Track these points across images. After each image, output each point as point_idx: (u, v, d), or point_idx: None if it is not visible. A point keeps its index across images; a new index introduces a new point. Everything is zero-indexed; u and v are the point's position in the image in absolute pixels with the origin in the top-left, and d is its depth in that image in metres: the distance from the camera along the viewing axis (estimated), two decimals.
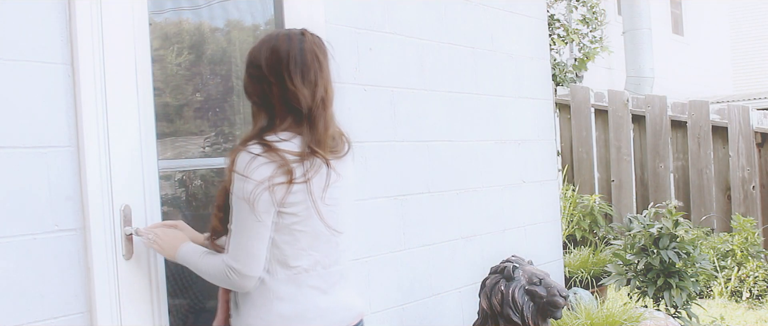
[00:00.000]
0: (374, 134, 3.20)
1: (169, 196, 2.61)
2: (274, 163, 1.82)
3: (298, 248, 1.89)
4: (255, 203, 1.81)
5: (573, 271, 5.36)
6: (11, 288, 2.04)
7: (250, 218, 1.83)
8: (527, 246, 4.19)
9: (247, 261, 1.85)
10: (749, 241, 5.87)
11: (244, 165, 1.83)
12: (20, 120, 2.09)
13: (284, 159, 1.83)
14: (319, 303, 1.93)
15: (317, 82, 1.92)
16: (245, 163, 1.83)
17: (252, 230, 1.84)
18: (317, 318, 1.92)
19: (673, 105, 6.87)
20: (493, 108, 4.04)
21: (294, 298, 1.89)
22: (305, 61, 1.92)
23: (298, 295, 1.89)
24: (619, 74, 10.04)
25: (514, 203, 4.17)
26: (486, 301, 3.15)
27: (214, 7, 2.85)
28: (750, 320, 5.19)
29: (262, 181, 1.81)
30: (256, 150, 1.84)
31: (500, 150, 4.09)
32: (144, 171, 2.31)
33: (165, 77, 2.64)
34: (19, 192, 2.07)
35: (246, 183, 1.82)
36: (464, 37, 3.84)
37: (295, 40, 1.93)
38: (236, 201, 1.85)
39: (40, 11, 2.14)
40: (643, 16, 9.50)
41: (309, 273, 1.91)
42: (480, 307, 3.19)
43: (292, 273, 1.89)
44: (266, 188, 1.81)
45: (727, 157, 6.54)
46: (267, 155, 1.83)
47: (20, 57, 2.10)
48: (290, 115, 1.91)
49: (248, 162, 1.82)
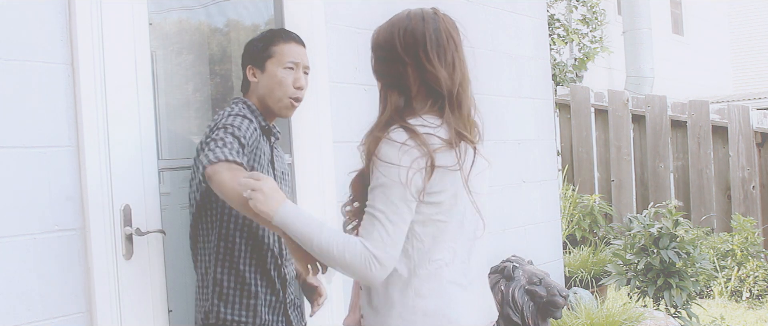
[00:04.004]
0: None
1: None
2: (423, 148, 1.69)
3: (440, 240, 1.76)
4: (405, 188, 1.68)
5: (573, 271, 5.36)
6: (11, 288, 2.04)
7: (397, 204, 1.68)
8: (527, 245, 4.19)
9: (392, 250, 1.69)
10: (749, 241, 5.87)
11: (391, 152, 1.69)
12: (20, 120, 2.09)
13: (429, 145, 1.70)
14: (460, 299, 1.79)
15: (455, 64, 1.81)
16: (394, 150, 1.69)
17: (398, 216, 1.69)
18: (461, 315, 1.78)
19: (673, 105, 6.87)
20: (493, 107, 4.04)
21: (437, 294, 1.76)
22: (441, 41, 1.81)
23: (440, 291, 1.76)
24: (619, 74, 10.04)
25: (514, 203, 4.17)
26: None
27: (214, 7, 2.85)
28: (750, 320, 5.19)
29: (411, 166, 1.68)
30: (401, 137, 1.71)
31: (500, 150, 4.09)
32: (144, 172, 2.31)
33: (165, 77, 2.64)
34: (20, 192, 2.07)
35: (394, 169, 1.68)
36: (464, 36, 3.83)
37: (430, 20, 1.83)
38: (382, 187, 1.70)
39: (40, 11, 2.14)
40: (643, 16, 9.50)
41: (450, 267, 1.78)
42: None
43: (434, 267, 1.76)
44: (416, 172, 1.68)
45: (727, 156, 6.54)
46: (413, 140, 1.70)
47: (20, 57, 2.10)
48: (430, 98, 1.79)
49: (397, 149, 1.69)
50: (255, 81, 2.24)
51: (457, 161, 1.74)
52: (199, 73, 2.84)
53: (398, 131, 1.72)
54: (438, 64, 1.80)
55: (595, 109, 7.18)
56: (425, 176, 1.70)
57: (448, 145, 1.74)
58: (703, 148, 6.64)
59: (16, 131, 2.08)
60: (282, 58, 2.21)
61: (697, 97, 7.66)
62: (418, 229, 1.75)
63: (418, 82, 1.81)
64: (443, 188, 1.74)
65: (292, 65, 2.21)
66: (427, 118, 1.78)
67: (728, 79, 15.10)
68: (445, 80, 1.79)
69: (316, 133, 2.98)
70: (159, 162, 2.41)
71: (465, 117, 1.80)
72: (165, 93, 2.62)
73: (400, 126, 1.73)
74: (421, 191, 1.70)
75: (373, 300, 1.79)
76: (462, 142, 1.77)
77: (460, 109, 1.80)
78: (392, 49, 1.83)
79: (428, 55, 1.80)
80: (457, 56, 1.84)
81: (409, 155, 1.69)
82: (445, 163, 1.72)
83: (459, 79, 1.82)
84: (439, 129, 1.76)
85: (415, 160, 1.69)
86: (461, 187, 1.77)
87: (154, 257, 2.31)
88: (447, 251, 1.78)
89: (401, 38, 1.82)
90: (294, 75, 2.22)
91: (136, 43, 2.32)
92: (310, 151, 2.94)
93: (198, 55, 2.81)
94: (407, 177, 1.68)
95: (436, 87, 1.79)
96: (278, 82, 2.20)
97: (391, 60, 1.84)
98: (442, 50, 1.82)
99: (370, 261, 1.68)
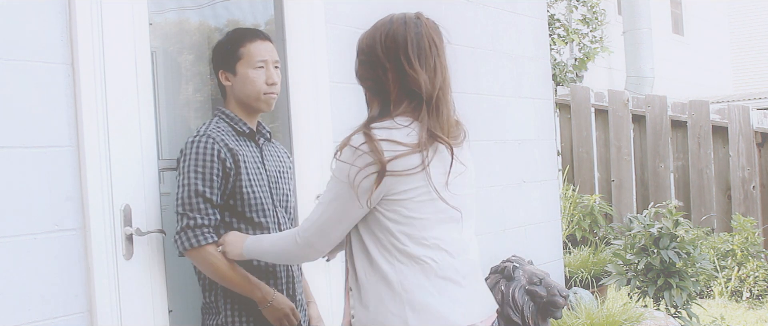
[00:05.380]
0: None
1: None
2: (375, 155, 1.75)
3: (419, 238, 1.81)
4: (350, 188, 1.76)
5: (573, 271, 5.36)
6: (11, 288, 2.04)
7: (338, 200, 1.79)
8: (527, 245, 4.19)
9: (317, 237, 1.84)
10: (749, 241, 5.87)
11: (346, 154, 1.78)
12: (20, 120, 2.09)
13: (382, 152, 1.75)
14: (453, 294, 1.82)
15: (436, 68, 1.84)
16: (348, 153, 1.77)
17: (335, 210, 1.81)
18: (452, 310, 1.81)
19: (674, 105, 6.87)
20: (493, 108, 4.04)
21: (425, 290, 1.79)
22: (422, 45, 1.85)
23: (428, 286, 1.80)
24: (619, 74, 10.03)
25: (515, 203, 4.17)
26: None
27: (214, 7, 2.85)
28: (750, 320, 5.19)
29: (362, 170, 1.75)
30: (358, 141, 1.78)
31: (500, 150, 4.09)
32: (144, 172, 2.30)
33: (165, 77, 2.64)
34: (19, 192, 2.07)
35: (346, 168, 1.77)
36: (464, 37, 3.84)
37: (412, 25, 1.86)
38: (331, 181, 1.82)
39: (40, 11, 2.14)
40: (643, 16, 9.50)
41: (437, 263, 1.81)
42: None
43: (417, 263, 1.80)
44: (366, 176, 1.75)
45: (727, 156, 6.54)
46: (368, 145, 1.76)
47: (20, 57, 2.10)
48: (406, 99, 1.83)
49: (352, 153, 1.77)
50: (229, 84, 2.28)
51: (422, 162, 1.78)
52: (199, 73, 2.84)
53: (357, 135, 1.79)
54: (419, 68, 1.83)
55: (596, 109, 7.18)
56: (375, 181, 1.75)
57: (415, 147, 1.78)
58: (703, 148, 6.64)
59: (16, 131, 2.08)
60: (251, 59, 2.24)
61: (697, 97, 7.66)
62: (392, 227, 1.80)
63: (398, 86, 1.84)
64: (408, 188, 1.78)
65: (261, 64, 2.25)
66: (399, 119, 1.82)
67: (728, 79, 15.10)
68: (426, 84, 1.82)
69: (317, 133, 2.98)
70: (159, 162, 2.41)
71: (443, 120, 1.84)
72: (165, 93, 2.62)
73: (362, 131, 1.79)
74: (369, 193, 1.76)
75: (363, 298, 1.84)
76: (436, 143, 1.81)
77: (438, 113, 1.83)
78: (373, 53, 1.88)
79: (409, 60, 1.83)
80: (439, 61, 1.87)
81: (361, 160, 1.76)
82: (400, 168, 1.77)
83: (439, 83, 1.85)
84: (408, 129, 1.80)
85: (366, 166, 1.75)
86: (439, 186, 1.81)
87: (154, 257, 2.31)
88: (429, 248, 1.81)
89: (383, 43, 1.86)
90: (266, 73, 2.25)
91: (136, 43, 2.32)
92: (310, 151, 2.94)
93: (198, 55, 2.81)
94: (356, 179, 1.76)
95: (416, 90, 1.82)
96: (251, 83, 2.24)
97: (372, 64, 1.88)
98: (423, 54, 1.84)
99: (295, 238, 1.87)
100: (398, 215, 1.79)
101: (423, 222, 1.81)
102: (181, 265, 2.53)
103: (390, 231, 1.80)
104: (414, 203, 1.79)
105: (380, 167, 1.75)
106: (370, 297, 1.82)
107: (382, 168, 1.75)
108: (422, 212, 1.81)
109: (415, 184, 1.79)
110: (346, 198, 1.79)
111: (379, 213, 1.81)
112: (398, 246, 1.80)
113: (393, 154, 1.76)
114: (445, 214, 1.84)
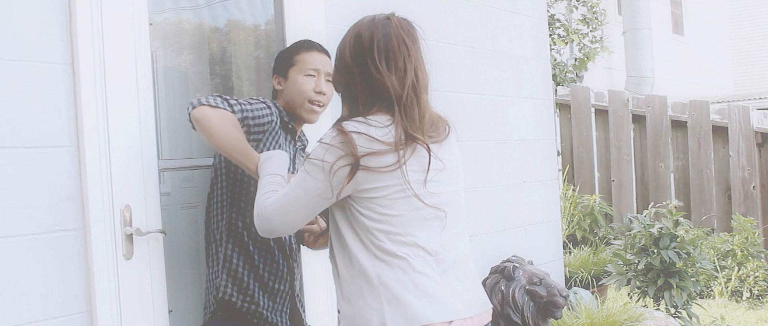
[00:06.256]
0: None
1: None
2: (348, 148, 1.76)
3: (396, 234, 1.81)
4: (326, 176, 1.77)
5: (573, 271, 5.36)
6: (12, 288, 2.04)
7: (307, 185, 1.80)
8: (527, 245, 4.19)
9: (277, 214, 1.83)
10: (749, 241, 5.87)
11: (320, 150, 1.80)
12: (20, 120, 2.09)
13: (356, 147, 1.76)
14: (430, 289, 1.81)
15: (406, 69, 1.84)
16: (322, 149, 1.80)
17: (301, 194, 1.81)
18: (430, 304, 1.80)
19: (674, 105, 6.87)
20: (494, 108, 4.04)
21: (402, 284, 1.80)
22: (390, 46, 1.84)
23: (406, 282, 1.80)
24: (620, 74, 10.03)
25: (515, 203, 4.17)
26: None
27: (214, 7, 2.85)
28: (750, 320, 5.19)
29: (335, 163, 1.77)
30: (331, 135, 1.80)
31: (500, 150, 4.09)
32: (144, 172, 2.31)
33: (165, 77, 2.64)
34: (19, 192, 2.07)
35: (319, 163, 1.78)
36: (464, 37, 3.84)
37: (380, 26, 1.87)
38: (304, 169, 1.82)
39: (40, 11, 2.14)
40: (643, 16, 9.50)
41: (417, 259, 1.82)
42: None
43: (395, 259, 1.80)
44: (339, 168, 1.76)
45: (727, 156, 6.54)
46: (341, 138, 1.77)
47: (20, 57, 2.10)
48: (377, 103, 1.84)
49: (325, 149, 1.78)
50: (280, 88, 2.37)
51: (397, 161, 1.78)
52: (199, 73, 2.84)
53: (331, 131, 1.81)
54: (385, 71, 1.83)
55: (596, 109, 7.18)
56: (348, 174, 1.77)
57: (391, 146, 1.78)
58: (703, 148, 6.64)
59: (16, 131, 2.08)
60: (303, 66, 2.33)
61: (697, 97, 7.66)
62: (368, 224, 1.81)
63: (367, 89, 1.85)
64: (381, 184, 1.79)
65: (313, 72, 2.33)
66: (375, 117, 1.83)
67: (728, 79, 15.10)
68: (394, 86, 1.83)
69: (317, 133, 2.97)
70: (159, 162, 2.41)
71: (417, 119, 1.83)
72: (165, 93, 2.62)
73: (335, 127, 1.81)
74: (341, 185, 1.77)
75: (345, 291, 1.86)
76: (414, 143, 1.81)
77: (410, 113, 1.83)
78: (342, 58, 1.90)
79: (375, 62, 1.84)
80: (409, 61, 1.86)
81: (332, 153, 1.77)
82: (374, 164, 1.77)
83: (409, 83, 1.84)
84: (386, 129, 1.80)
85: (339, 158, 1.77)
86: (415, 184, 1.81)
87: (154, 257, 2.31)
88: (406, 245, 1.82)
89: (350, 46, 1.88)
90: (315, 81, 2.33)
91: (136, 43, 2.32)
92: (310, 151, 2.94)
93: (198, 55, 2.81)
94: (333, 167, 1.77)
95: (383, 93, 1.83)
96: (298, 88, 2.31)
97: (342, 69, 1.90)
98: (391, 55, 1.84)
99: (259, 208, 1.86)
100: (373, 212, 1.80)
101: (400, 219, 1.81)
102: (181, 265, 2.53)
103: (367, 228, 1.81)
104: (388, 200, 1.80)
105: (353, 160, 1.76)
106: (352, 291, 1.84)
107: (356, 162, 1.76)
108: (398, 209, 1.81)
109: (390, 182, 1.79)
110: (315, 181, 1.79)
111: (355, 209, 1.82)
112: (376, 242, 1.81)
113: (367, 150, 1.77)
114: (425, 212, 1.84)
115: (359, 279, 1.82)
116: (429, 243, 1.85)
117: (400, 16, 1.92)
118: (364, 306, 1.81)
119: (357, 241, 1.83)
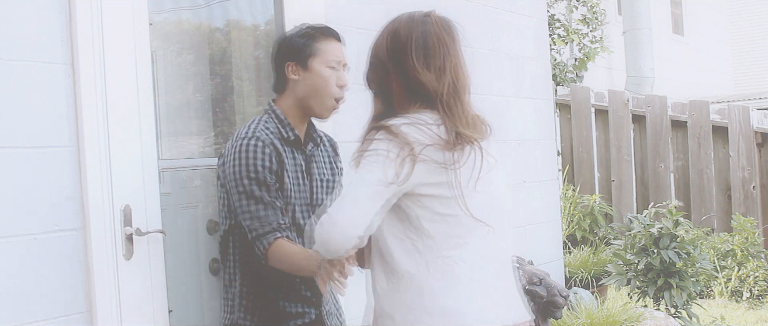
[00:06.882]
0: None
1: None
2: (401, 141, 1.68)
3: (452, 236, 1.73)
4: (384, 172, 1.67)
5: (573, 271, 5.35)
6: (12, 288, 2.04)
7: (369, 185, 1.68)
8: (527, 246, 4.18)
9: (345, 216, 1.67)
10: (749, 241, 5.86)
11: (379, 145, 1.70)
12: (20, 120, 2.09)
13: (411, 142, 1.68)
14: (475, 299, 1.74)
15: (445, 67, 1.78)
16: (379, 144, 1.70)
17: (366, 193, 1.68)
18: (482, 312, 1.73)
19: (674, 105, 6.87)
20: (494, 108, 4.04)
21: (453, 292, 1.71)
22: (429, 44, 1.78)
23: (456, 288, 1.72)
24: (620, 74, 10.03)
25: (515, 203, 4.16)
26: None
27: (214, 7, 2.85)
28: (750, 320, 5.19)
29: (398, 156, 1.68)
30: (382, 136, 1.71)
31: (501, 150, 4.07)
32: (144, 171, 2.31)
33: (165, 77, 2.64)
34: (19, 192, 2.07)
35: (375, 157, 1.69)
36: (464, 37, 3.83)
37: (418, 23, 1.80)
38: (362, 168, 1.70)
39: (40, 11, 2.14)
40: (643, 16, 9.49)
41: (465, 263, 1.74)
42: None
43: (448, 264, 1.72)
44: (401, 161, 1.67)
45: (727, 156, 6.54)
46: (390, 135, 1.69)
47: (20, 57, 2.10)
48: (415, 101, 1.77)
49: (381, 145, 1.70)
50: (296, 78, 2.15)
51: (453, 159, 1.71)
52: (199, 73, 2.83)
53: (380, 133, 1.71)
54: (422, 68, 1.77)
55: (596, 109, 7.17)
56: (409, 163, 1.67)
57: (445, 144, 1.71)
58: (703, 148, 6.64)
59: (16, 131, 2.08)
60: (326, 57, 2.14)
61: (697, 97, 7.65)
62: (426, 225, 1.73)
63: (402, 87, 1.79)
64: (438, 182, 1.71)
65: (335, 65, 2.15)
66: (418, 115, 1.75)
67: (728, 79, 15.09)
68: (431, 83, 1.77)
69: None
70: (159, 162, 2.41)
71: (460, 117, 1.77)
72: (165, 93, 2.62)
73: (380, 128, 1.72)
74: (406, 175, 1.67)
75: (386, 307, 1.76)
76: (464, 142, 1.74)
77: (454, 111, 1.76)
78: (378, 55, 1.84)
79: (412, 60, 1.78)
80: (448, 60, 1.81)
81: (394, 144, 1.69)
82: (433, 157, 1.70)
83: (448, 81, 1.78)
84: (435, 127, 1.73)
85: (401, 148, 1.68)
86: (465, 184, 1.73)
87: (154, 257, 2.31)
88: (461, 247, 1.75)
89: (388, 43, 1.82)
90: (337, 74, 2.16)
91: (136, 43, 2.32)
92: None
93: (198, 55, 2.81)
94: (395, 158, 1.67)
95: (421, 91, 1.77)
96: (324, 83, 2.13)
97: (377, 65, 1.84)
98: (429, 53, 1.79)
99: (322, 220, 1.69)
100: (431, 211, 1.72)
101: (458, 219, 1.74)
102: (181, 265, 2.53)
103: (424, 230, 1.73)
104: (443, 200, 1.72)
105: (414, 151, 1.68)
106: (396, 306, 1.75)
107: (416, 154, 1.68)
108: (455, 209, 1.73)
109: (445, 179, 1.72)
110: (379, 169, 1.68)
111: (410, 209, 1.73)
112: (432, 245, 1.73)
113: (426, 143, 1.70)
114: (478, 212, 1.76)
115: (404, 291, 1.73)
116: (483, 246, 1.78)
117: (439, 14, 1.86)
118: (414, 320, 1.72)
119: (402, 250, 1.74)
